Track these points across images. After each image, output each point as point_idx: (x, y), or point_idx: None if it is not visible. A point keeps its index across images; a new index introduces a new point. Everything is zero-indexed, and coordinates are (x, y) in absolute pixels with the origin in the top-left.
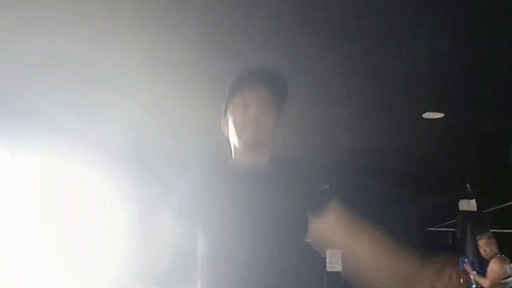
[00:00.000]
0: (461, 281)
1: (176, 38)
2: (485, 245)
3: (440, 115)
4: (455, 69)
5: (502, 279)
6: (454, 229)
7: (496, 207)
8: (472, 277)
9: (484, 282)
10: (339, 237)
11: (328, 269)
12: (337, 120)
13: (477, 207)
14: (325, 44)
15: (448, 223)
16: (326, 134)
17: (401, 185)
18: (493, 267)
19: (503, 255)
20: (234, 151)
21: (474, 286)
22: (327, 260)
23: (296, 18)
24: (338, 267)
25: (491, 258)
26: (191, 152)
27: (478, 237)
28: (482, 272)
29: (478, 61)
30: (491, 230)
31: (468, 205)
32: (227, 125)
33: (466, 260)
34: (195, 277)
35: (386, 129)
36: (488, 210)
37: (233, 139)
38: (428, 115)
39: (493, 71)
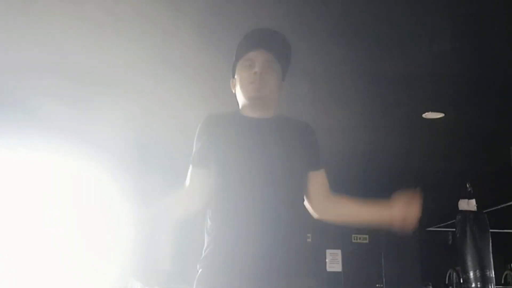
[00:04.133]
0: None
1: (178, 36)
2: None
3: (440, 115)
4: (455, 69)
5: None
6: (454, 229)
7: (496, 207)
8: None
9: None
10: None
11: (328, 269)
12: (337, 120)
13: (477, 207)
14: (326, 45)
15: (448, 223)
16: (326, 134)
17: (401, 185)
18: None
19: None
20: (241, 107)
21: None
22: (326, 260)
23: (296, 19)
24: (338, 267)
25: None
26: (192, 151)
27: None
28: None
29: (478, 61)
30: (491, 230)
31: (468, 205)
32: (235, 85)
33: None
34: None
35: (386, 129)
36: (488, 210)
37: (240, 96)
38: (428, 115)
39: (493, 71)
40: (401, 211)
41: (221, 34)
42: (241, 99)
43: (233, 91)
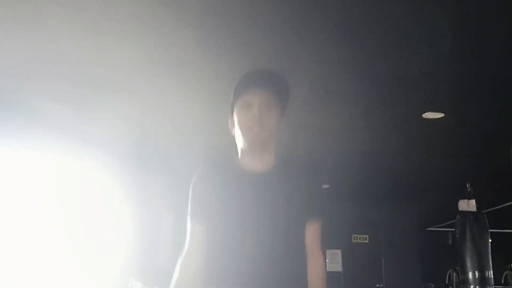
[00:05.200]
0: None
1: (176, 38)
2: None
3: (440, 115)
4: (455, 69)
5: None
6: (454, 229)
7: (496, 207)
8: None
9: None
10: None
11: (328, 269)
12: (337, 120)
13: (477, 207)
14: (325, 45)
15: (448, 223)
16: (326, 134)
17: (401, 185)
18: None
19: None
20: (240, 150)
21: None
22: (326, 260)
23: (296, 19)
24: (338, 267)
25: None
26: (191, 151)
27: None
28: None
29: (478, 61)
30: (491, 230)
31: (468, 205)
32: (234, 126)
33: None
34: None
35: (386, 129)
36: (488, 210)
37: (239, 139)
38: (428, 115)
39: (493, 71)
40: None
41: (221, 35)
42: (239, 142)
43: (232, 132)
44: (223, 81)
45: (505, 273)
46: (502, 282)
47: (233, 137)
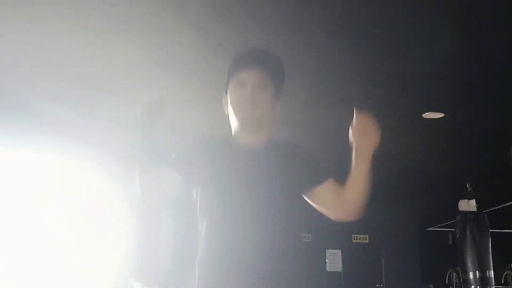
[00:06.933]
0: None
1: (177, 38)
2: None
3: (440, 115)
4: (455, 69)
5: None
6: (454, 229)
7: (496, 207)
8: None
9: None
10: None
11: (328, 269)
12: (337, 120)
13: (477, 207)
14: (325, 44)
15: (448, 223)
16: (326, 134)
17: (401, 185)
18: None
19: None
20: (234, 130)
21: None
22: (326, 260)
23: (296, 18)
24: (338, 267)
25: None
26: None
27: None
28: None
29: (478, 61)
30: (491, 230)
31: (468, 205)
32: (227, 104)
33: None
34: (194, 270)
35: (386, 129)
36: (488, 210)
37: (232, 118)
38: (428, 115)
39: (493, 71)
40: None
41: (221, 35)
42: (233, 121)
43: (225, 110)
44: (224, 81)
45: (505, 273)
46: (502, 282)
47: (227, 116)
